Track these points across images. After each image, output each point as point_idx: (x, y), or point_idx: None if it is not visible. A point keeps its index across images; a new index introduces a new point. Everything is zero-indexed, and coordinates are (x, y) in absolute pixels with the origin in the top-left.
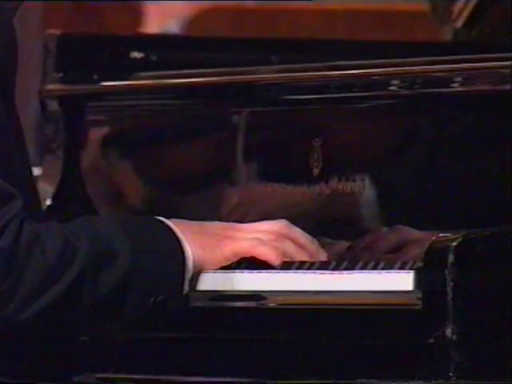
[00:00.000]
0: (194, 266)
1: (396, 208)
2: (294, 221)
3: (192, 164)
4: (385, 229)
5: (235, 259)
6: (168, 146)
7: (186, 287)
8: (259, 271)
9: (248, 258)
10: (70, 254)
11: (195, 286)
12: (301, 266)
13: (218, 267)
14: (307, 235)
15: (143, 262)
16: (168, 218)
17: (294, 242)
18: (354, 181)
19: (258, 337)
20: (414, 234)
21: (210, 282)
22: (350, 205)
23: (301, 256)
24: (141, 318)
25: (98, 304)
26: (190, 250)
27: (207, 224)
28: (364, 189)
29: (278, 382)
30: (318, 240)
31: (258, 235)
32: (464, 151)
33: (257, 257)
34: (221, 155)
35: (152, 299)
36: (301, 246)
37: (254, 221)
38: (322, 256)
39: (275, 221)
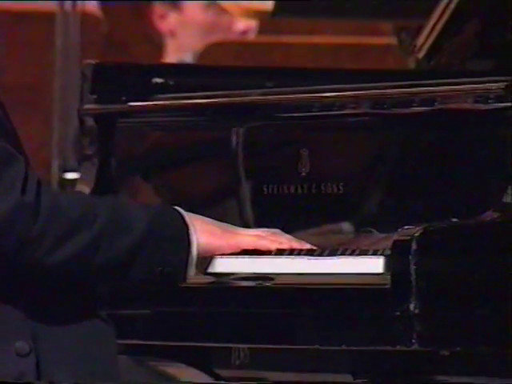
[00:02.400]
0: (202, 250)
1: (367, 207)
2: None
3: (200, 167)
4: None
5: (237, 250)
6: (181, 154)
7: (192, 266)
8: (257, 256)
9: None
10: (92, 215)
11: (207, 268)
12: (291, 252)
13: (220, 252)
14: (296, 240)
15: (155, 237)
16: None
17: (288, 238)
18: (334, 183)
19: (255, 310)
20: None
21: (218, 265)
22: (331, 202)
23: (294, 245)
24: (148, 285)
25: (112, 262)
26: (196, 235)
27: (216, 221)
28: (341, 190)
29: (271, 346)
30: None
31: (258, 233)
32: (424, 159)
33: (259, 249)
34: (223, 162)
35: (159, 269)
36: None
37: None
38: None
39: (271, 229)
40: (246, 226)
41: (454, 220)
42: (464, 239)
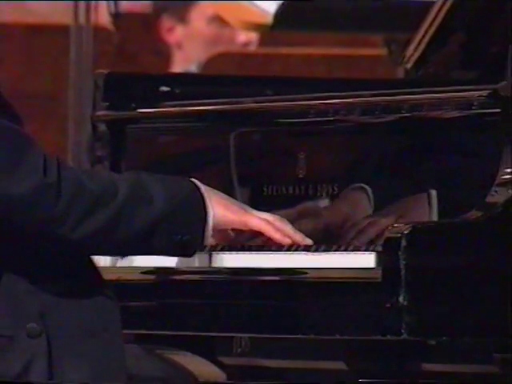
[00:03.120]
0: (216, 221)
1: None
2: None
3: (205, 168)
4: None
5: (245, 228)
6: (188, 156)
7: (208, 235)
8: (258, 252)
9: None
10: (113, 190)
11: (210, 263)
12: (289, 248)
13: (232, 226)
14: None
15: (173, 208)
16: None
17: (291, 227)
18: (329, 184)
19: (255, 302)
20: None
21: (222, 260)
22: (326, 202)
23: (295, 237)
24: (167, 254)
25: (134, 234)
26: (212, 206)
27: (231, 198)
28: (336, 190)
29: (270, 336)
30: None
31: (268, 218)
32: (412, 162)
33: (263, 232)
34: (227, 164)
35: (178, 237)
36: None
37: None
38: (308, 241)
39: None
40: None
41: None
42: (450, 236)
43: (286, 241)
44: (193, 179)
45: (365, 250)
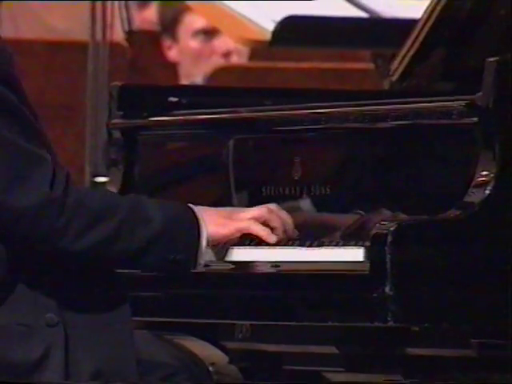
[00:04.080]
0: (210, 239)
1: (349, 206)
2: None
3: (210, 171)
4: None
5: (238, 234)
6: (195, 160)
7: (201, 255)
8: (256, 247)
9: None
10: (113, 208)
11: (224, 257)
12: (286, 243)
13: (227, 239)
14: (287, 214)
15: (170, 229)
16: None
17: (280, 217)
18: (322, 185)
19: (255, 292)
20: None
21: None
22: (319, 202)
23: (282, 229)
24: (161, 270)
25: (131, 250)
26: (205, 226)
27: (221, 209)
28: (328, 191)
29: (269, 323)
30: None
31: (254, 215)
32: (398, 166)
33: (252, 233)
34: (229, 167)
35: (172, 256)
36: (284, 221)
37: None
38: (295, 233)
39: (271, 204)
40: None
41: (424, 216)
42: (431, 233)
43: (271, 239)
44: (189, 204)
45: (354, 245)
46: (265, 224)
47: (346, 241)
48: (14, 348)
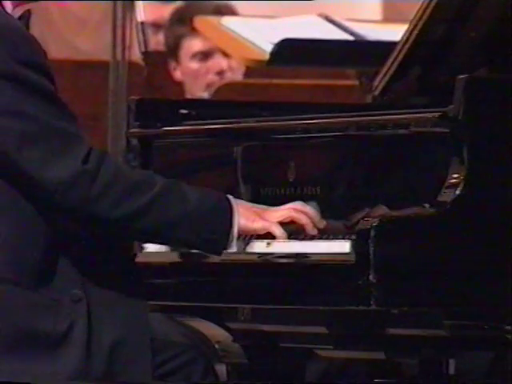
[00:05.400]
0: (240, 230)
1: (337, 203)
2: None
3: (215, 174)
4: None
5: (262, 232)
6: (202, 164)
7: (232, 242)
8: (256, 240)
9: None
10: (150, 183)
11: (244, 248)
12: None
13: (253, 233)
14: (313, 210)
15: (204, 211)
16: None
17: (306, 213)
18: (313, 186)
19: (255, 280)
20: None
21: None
22: (311, 200)
23: (310, 225)
24: (191, 248)
25: (164, 223)
26: (238, 216)
27: (255, 205)
28: (318, 191)
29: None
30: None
31: (284, 216)
32: (380, 169)
33: (272, 233)
34: (232, 170)
35: (205, 235)
36: (309, 217)
37: None
38: (322, 224)
39: (297, 203)
40: None
41: (402, 213)
42: (409, 228)
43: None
44: (228, 195)
45: (342, 239)
46: (294, 222)
47: (335, 235)
48: (43, 320)
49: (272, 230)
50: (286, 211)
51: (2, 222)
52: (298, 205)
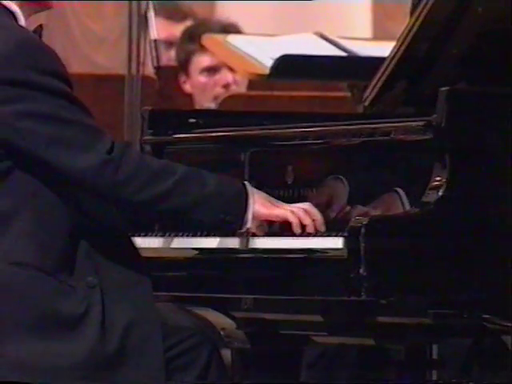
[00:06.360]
0: (255, 213)
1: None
2: None
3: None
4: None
5: (277, 219)
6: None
7: (247, 222)
8: (258, 237)
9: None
10: (171, 169)
11: (247, 245)
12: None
13: (266, 218)
14: (318, 212)
15: (222, 194)
16: None
17: (311, 215)
18: (309, 188)
19: (258, 272)
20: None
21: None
22: (305, 201)
23: (312, 226)
24: (212, 227)
25: (186, 205)
26: (253, 202)
27: (270, 197)
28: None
29: (267, 297)
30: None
31: (293, 210)
32: (369, 172)
33: (287, 220)
34: (236, 174)
35: (222, 216)
36: (314, 218)
37: None
38: (323, 228)
39: (306, 204)
40: None
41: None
42: (396, 225)
43: (298, 230)
44: (244, 182)
45: (335, 235)
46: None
47: (329, 232)
48: (63, 304)
49: (288, 216)
50: (296, 208)
51: (26, 213)
52: (305, 206)
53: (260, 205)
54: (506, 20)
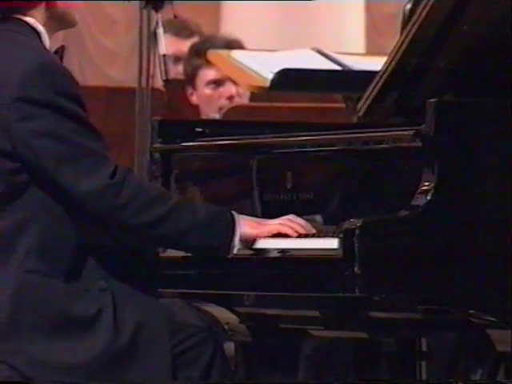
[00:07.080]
0: (243, 236)
1: (327, 208)
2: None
3: (226, 183)
4: None
5: (270, 235)
6: (214, 174)
7: (235, 247)
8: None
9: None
10: (167, 197)
11: (252, 245)
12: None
13: (255, 237)
14: (304, 221)
15: (211, 222)
16: None
17: (297, 221)
18: (307, 192)
19: (259, 271)
20: None
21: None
22: (305, 205)
23: (300, 228)
24: (199, 253)
25: (176, 231)
26: (239, 226)
27: (254, 218)
28: (312, 196)
29: (268, 293)
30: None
31: (281, 222)
32: (363, 178)
33: (281, 232)
34: (240, 180)
35: (210, 242)
36: (302, 226)
37: None
38: (313, 229)
39: (289, 215)
40: (254, 216)
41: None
42: (388, 227)
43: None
44: (231, 210)
45: (331, 237)
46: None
47: (325, 233)
48: (77, 306)
49: (279, 228)
50: (282, 220)
51: (38, 224)
52: (290, 216)
53: (248, 227)
54: (489, 36)
